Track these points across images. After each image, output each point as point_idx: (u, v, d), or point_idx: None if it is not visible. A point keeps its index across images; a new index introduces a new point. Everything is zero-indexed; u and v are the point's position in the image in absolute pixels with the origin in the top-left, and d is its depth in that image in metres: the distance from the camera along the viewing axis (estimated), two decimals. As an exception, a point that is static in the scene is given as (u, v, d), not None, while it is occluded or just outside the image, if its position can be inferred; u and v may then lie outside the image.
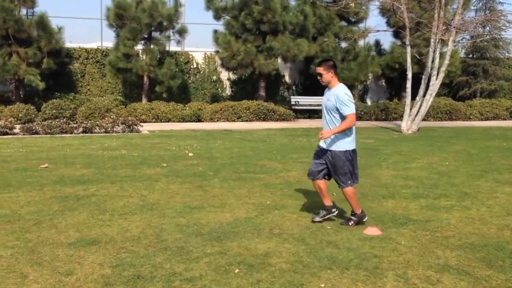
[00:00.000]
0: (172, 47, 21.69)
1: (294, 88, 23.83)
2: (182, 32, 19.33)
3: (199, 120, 18.21)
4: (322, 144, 5.13)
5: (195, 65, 23.06)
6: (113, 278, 3.80)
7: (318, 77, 5.08)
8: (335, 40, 20.29)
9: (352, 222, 5.17)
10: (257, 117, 18.52)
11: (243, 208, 5.90)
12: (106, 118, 14.99)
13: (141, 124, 15.07)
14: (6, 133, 13.23)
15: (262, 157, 9.86)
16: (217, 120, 18.20)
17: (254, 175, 7.93)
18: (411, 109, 15.76)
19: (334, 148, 5.03)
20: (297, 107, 20.42)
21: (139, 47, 19.32)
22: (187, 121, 17.75)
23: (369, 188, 7.03)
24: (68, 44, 19.82)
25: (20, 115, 16.01)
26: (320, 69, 5.01)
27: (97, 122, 14.30)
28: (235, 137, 13.31)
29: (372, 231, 4.96)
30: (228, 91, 23.38)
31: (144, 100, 19.13)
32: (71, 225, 5.08)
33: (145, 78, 19.05)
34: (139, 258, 4.20)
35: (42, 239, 4.63)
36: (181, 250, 4.42)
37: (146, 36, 19.07)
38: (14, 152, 10.00)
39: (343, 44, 21.22)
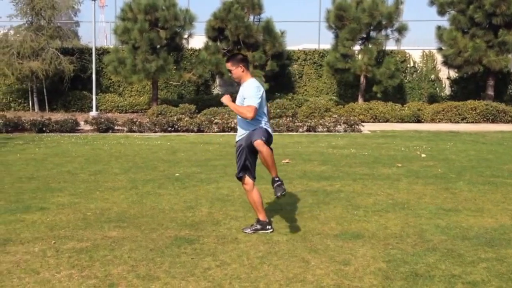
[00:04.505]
0: (388, 46, 21.31)
1: (526, 86, 21.32)
2: (401, 30, 18.86)
3: (418, 120, 17.52)
4: None
5: (411, 64, 22.32)
6: (390, 272, 3.82)
7: (229, 74, 4.88)
8: None
9: (249, 230, 4.78)
10: (484, 119, 17.01)
11: (505, 214, 5.44)
12: (327, 118, 15.43)
13: (362, 124, 15.10)
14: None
15: (506, 161, 8.98)
16: (439, 121, 17.25)
17: (504, 180, 7.26)
18: None
19: None
20: (532, 108, 18.14)
21: (356, 47, 19.46)
22: (405, 122, 17.23)
23: None
24: (288, 47, 21.00)
25: (249, 114, 17.50)
26: (228, 65, 4.76)
27: (320, 121, 14.80)
28: (466, 139, 12.41)
29: None
30: (447, 91, 22.06)
31: (360, 100, 19.19)
32: (330, 218, 5.29)
33: (362, 78, 19.10)
34: (409, 256, 4.15)
35: (308, 229, 4.91)
36: (451, 252, 4.24)
37: (364, 36, 19.11)
38: (253, 147, 10.91)
39: None
